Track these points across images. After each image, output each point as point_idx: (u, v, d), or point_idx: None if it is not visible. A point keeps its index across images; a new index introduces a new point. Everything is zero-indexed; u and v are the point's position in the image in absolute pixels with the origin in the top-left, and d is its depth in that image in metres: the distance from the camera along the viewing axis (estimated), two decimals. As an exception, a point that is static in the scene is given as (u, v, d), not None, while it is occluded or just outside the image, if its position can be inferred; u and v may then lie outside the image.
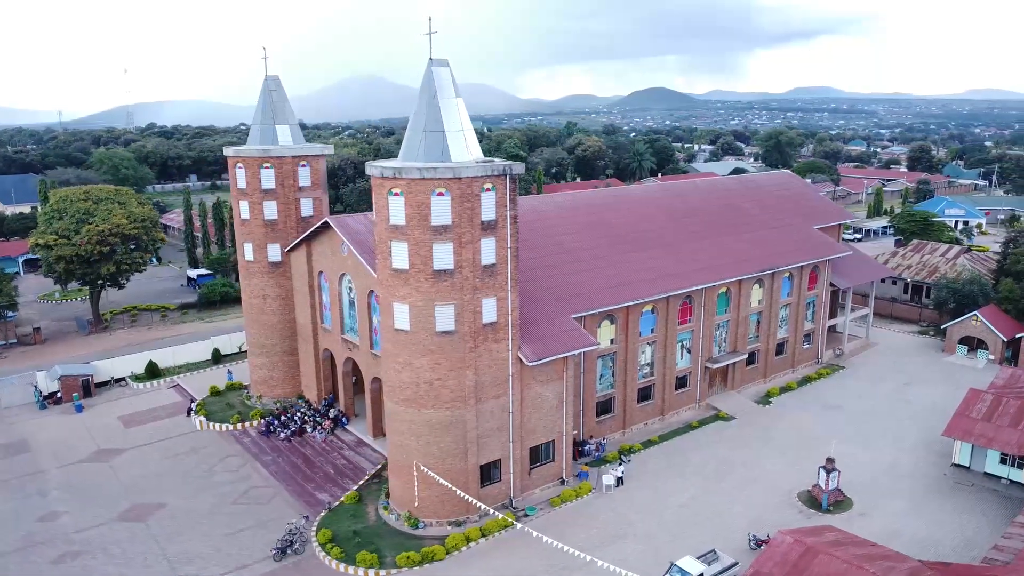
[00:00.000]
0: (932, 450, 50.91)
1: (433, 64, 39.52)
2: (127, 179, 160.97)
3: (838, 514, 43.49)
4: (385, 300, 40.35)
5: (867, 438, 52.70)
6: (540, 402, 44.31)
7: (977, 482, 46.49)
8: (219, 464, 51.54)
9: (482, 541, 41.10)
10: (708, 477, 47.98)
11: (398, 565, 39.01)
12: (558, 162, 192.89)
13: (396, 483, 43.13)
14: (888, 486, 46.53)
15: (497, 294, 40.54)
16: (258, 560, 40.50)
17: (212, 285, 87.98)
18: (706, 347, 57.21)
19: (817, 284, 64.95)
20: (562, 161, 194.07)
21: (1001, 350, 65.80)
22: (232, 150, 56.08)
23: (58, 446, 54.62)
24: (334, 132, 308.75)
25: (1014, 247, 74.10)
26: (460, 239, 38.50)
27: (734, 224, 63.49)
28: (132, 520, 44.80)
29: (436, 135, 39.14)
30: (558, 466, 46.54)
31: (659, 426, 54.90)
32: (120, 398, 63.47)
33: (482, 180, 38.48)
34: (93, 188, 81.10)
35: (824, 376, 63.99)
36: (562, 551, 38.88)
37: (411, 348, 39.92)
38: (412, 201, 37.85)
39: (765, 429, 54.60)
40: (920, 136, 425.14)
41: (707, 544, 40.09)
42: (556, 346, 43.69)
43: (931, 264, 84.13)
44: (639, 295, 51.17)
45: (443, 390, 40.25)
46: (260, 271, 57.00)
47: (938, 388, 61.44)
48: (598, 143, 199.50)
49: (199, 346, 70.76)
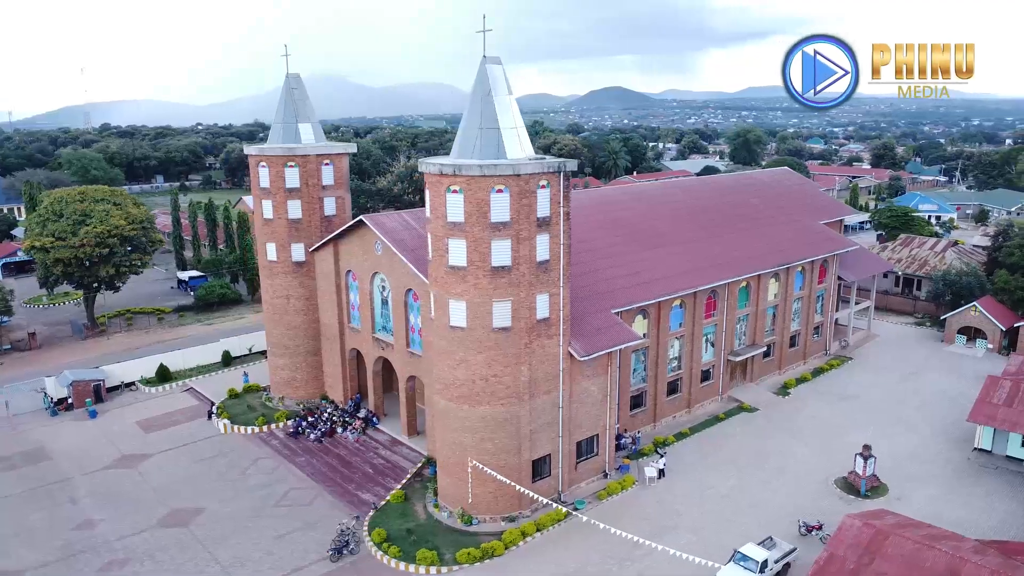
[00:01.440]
0: (951, 436, 52.73)
1: (487, 62, 39.70)
2: (97, 180, 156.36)
3: (876, 499, 44.83)
4: (440, 297, 40.38)
5: (887, 426, 54.28)
6: (586, 397, 44.81)
7: (1000, 465, 48.33)
8: (251, 467, 50.88)
9: (538, 535, 41.41)
10: (743, 467, 49.00)
11: (458, 562, 39.12)
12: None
13: (447, 481, 43.16)
14: (917, 471, 48.08)
15: (550, 290, 40.89)
16: (313, 562, 40.18)
17: (210, 287, 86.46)
18: (728, 341, 58.35)
19: (826, 278, 66.68)
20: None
21: (999, 339, 68.37)
22: (255, 148, 55.40)
23: (78, 453, 53.30)
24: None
25: (1003, 240, 76.93)
26: (518, 236, 38.74)
27: (745, 220, 64.77)
28: (174, 526, 44.03)
29: (492, 132, 39.31)
30: (601, 460, 47.12)
31: (687, 419, 55.81)
32: (133, 403, 62.15)
33: (539, 177, 38.79)
34: (88, 189, 79.10)
35: (835, 367, 65.75)
36: (619, 543, 39.65)
37: (467, 345, 40.03)
38: (471, 198, 37.97)
39: (788, 419, 55.92)
40: (874, 134, 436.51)
41: (756, 532, 40.97)
42: (604, 341, 44.23)
43: (920, 258, 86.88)
44: (669, 290, 51.96)
45: (499, 386, 40.45)
46: (283, 271, 56.37)
47: (944, 377, 63.63)
48: (574, 142, 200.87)
49: (208, 348, 69.57)
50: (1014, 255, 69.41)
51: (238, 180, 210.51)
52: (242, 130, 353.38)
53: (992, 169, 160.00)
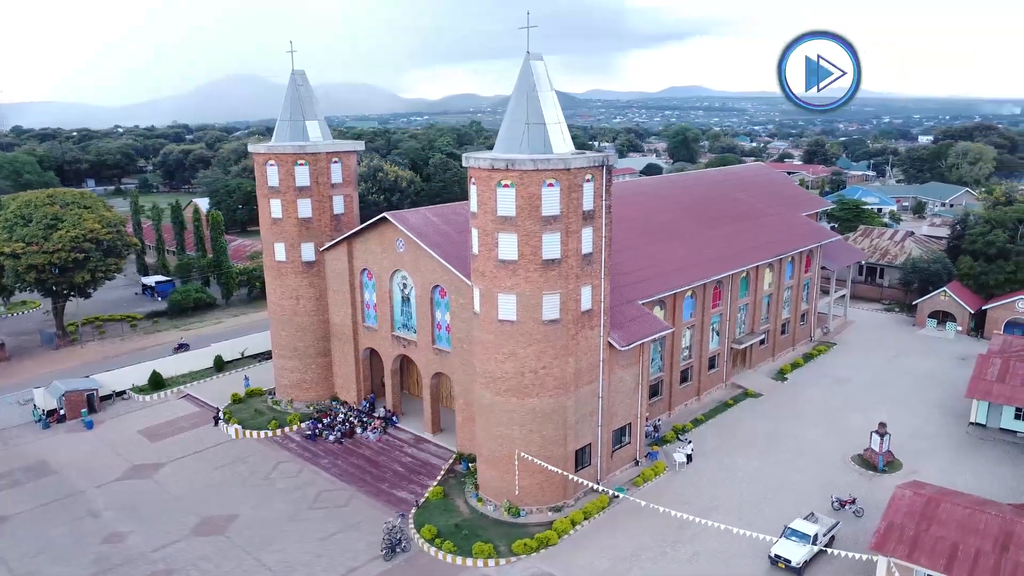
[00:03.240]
0: (946, 412, 55.97)
1: (530, 58, 40.13)
2: (31, 184, 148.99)
3: (893, 473, 47.29)
4: (488, 292, 40.56)
5: (884, 405, 57.09)
6: (621, 386, 45.77)
7: (996, 437, 51.63)
8: (274, 471, 49.88)
9: (586, 523, 42.13)
10: (763, 450, 50.86)
11: (515, 552, 39.47)
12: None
13: (492, 474, 43.38)
14: (923, 447, 50.85)
15: (592, 282, 41.67)
16: (366, 562, 39.87)
17: (185, 291, 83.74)
18: (731, 329, 60.34)
19: (811, 267, 69.60)
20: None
21: (967, 322, 72.73)
22: (264, 147, 54.22)
23: (85, 465, 51.15)
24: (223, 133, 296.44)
25: (962, 228, 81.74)
26: (567, 229, 39.37)
27: (737, 213, 67.04)
28: (209, 534, 42.86)
29: (538, 127, 39.77)
30: (633, 448, 48.19)
31: (697, 406, 57.47)
32: (129, 412, 59.89)
33: (585, 171, 39.51)
34: (57, 192, 75.56)
35: (823, 352, 68.71)
36: (666, 526, 41.10)
37: (517, 338, 40.40)
38: (523, 192, 38.37)
39: (792, 403, 58.23)
40: (795, 132, 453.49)
41: (792, 509, 42.73)
42: (640, 331, 45.29)
43: (882, 247, 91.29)
44: (684, 282, 53.43)
45: (547, 378, 40.97)
46: (293, 271, 55.36)
47: (924, 358, 67.34)
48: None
49: (199, 354, 67.57)
50: (977, 242, 73.90)
51: (176, 183, 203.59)
52: (168, 132, 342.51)
53: (922, 164, 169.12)
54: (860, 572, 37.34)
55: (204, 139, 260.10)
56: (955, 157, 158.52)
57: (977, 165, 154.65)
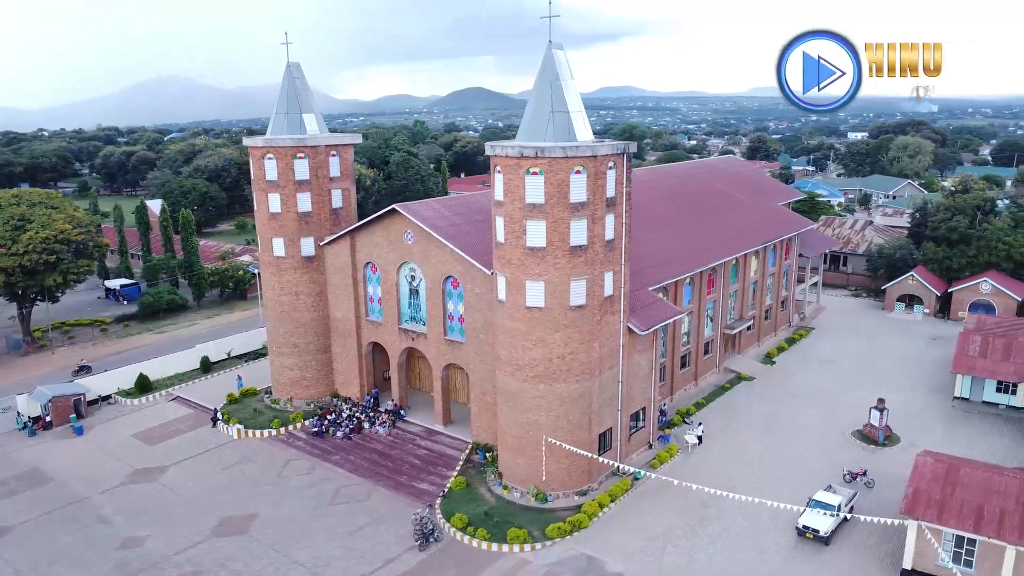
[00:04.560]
0: (929, 389, 58.70)
1: (552, 47, 40.58)
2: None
3: (893, 447, 49.44)
4: (515, 279, 40.78)
5: (871, 385, 59.49)
6: (637, 370, 46.62)
7: (980, 410, 54.43)
8: (286, 469, 49.06)
9: (613, 506, 42.81)
10: (766, 430, 52.43)
11: (549, 537, 39.87)
12: (436, 159, 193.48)
13: (518, 461, 43.62)
14: (915, 421, 53.20)
15: (613, 268, 42.39)
16: (400, 553, 39.66)
17: (157, 293, 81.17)
18: (723, 315, 61.97)
19: (790, 255, 71.96)
20: (440, 158, 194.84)
21: (934, 304, 76.29)
22: (261, 140, 53.20)
23: (82, 471, 49.34)
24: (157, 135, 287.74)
25: (922, 216, 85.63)
26: (593, 215, 39.98)
27: (721, 203, 68.86)
28: (232, 534, 41.95)
29: (563, 116, 40.25)
30: (647, 431, 49.12)
31: (696, 390, 58.84)
32: (118, 416, 57.94)
33: (609, 158, 40.18)
34: (22, 192, 72.51)
35: (804, 336, 71.14)
36: (689, 505, 42.37)
37: (545, 324, 40.79)
38: (552, 179, 38.80)
39: (784, 385, 60.15)
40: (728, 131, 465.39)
41: (807, 484, 44.24)
42: (656, 316, 46.24)
43: (844, 236, 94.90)
44: (684, 269, 54.67)
45: (574, 363, 41.49)
46: (293, 267, 54.47)
47: (898, 339, 70.40)
48: (476, 140, 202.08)
49: (184, 356, 65.76)
50: (940, 229, 77.61)
51: (118, 185, 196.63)
52: (99, 134, 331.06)
53: (863, 158, 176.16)
54: (882, 537, 39.09)
55: (141, 141, 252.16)
56: (896, 151, 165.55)
57: (916, 158, 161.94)
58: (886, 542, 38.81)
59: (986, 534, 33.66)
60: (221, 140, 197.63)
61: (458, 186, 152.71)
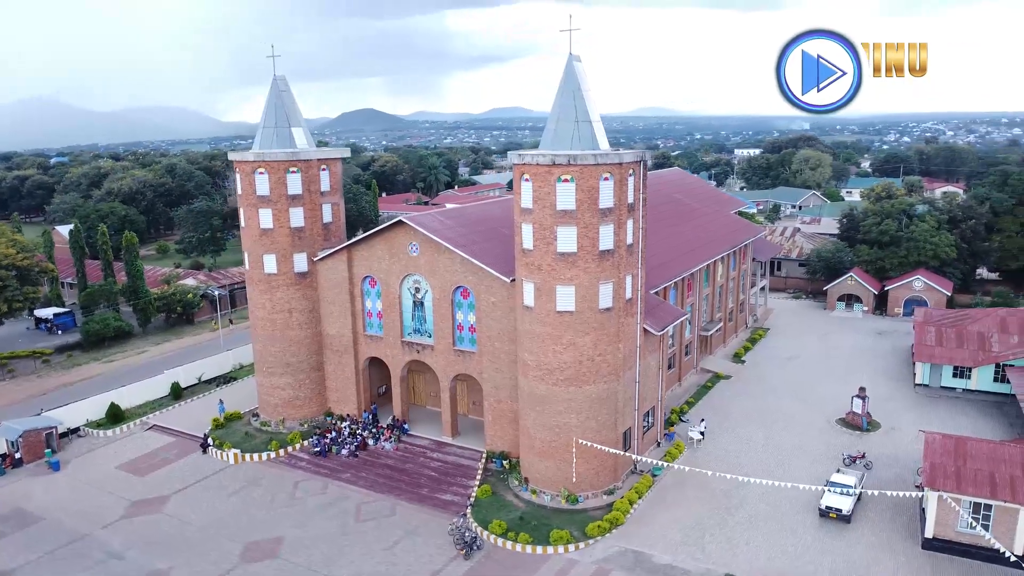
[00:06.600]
0: (890, 377, 63.26)
1: (573, 59, 41.98)
2: None
3: (876, 431, 53.09)
4: (545, 285, 41.61)
5: (837, 377, 63.52)
6: (648, 371, 48.24)
7: (941, 395, 59.20)
8: (297, 491, 47.69)
9: (641, 502, 44.07)
10: (759, 423, 55.04)
11: (590, 535, 40.67)
12: (354, 178, 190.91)
13: (547, 464, 44.20)
14: (887, 408, 57.12)
15: (632, 271, 43.95)
16: (446, 563, 39.46)
17: (104, 320, 76.61)
18: (699, 318, 64.75)
19: (746, 260, 75.95)
20: (358, 178, 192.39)
21: (872, 302, 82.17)
22: (252, 154, 51.91)
23: (73, 508, 46.29)
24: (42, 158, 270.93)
25: (849, 221, 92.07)
26: (618, 220, 41.46)
27: (686, 212, 72.02)
28: (262, 559, 40.52)
29: (586, 125, 41.65)
30: (655, 430, 50.77)
31: (681, 390, 61.11)
32: (93, 448, 54.55)
33: (631, 165, 41.85)
34: (-44, 215, 67.14)
35: (763, 336, 75.09)
36: (711, 495, 44.37)
37: (575, 328, 41.79)
38: (583, 186, 40.02)
39: (759, 380, 63.38)
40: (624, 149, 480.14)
41: (813, 469, 47.08)
42: (666, 317, 48.06)
43: (776, 243, 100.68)
44: (671, 274, 56.95)
45: (603, 364, 42.67)
46: (285, 283, 53.21)
47: (848, 335, 75.43)
48: (394, 159, 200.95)
49: (152, 383, 62.58)
50: (871, 232, 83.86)
51: (9, 212, 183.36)
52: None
53: (766, 171, 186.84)
54: (896, 512, 42.11)
55: (23, 166, 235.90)
56: (798, 163, 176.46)
57: (817, 170, 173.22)
58: (901, 516, 41.84)
59: (1002, 499, 36.97)
60: (126, 163, 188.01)
61: (385, 205, 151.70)
